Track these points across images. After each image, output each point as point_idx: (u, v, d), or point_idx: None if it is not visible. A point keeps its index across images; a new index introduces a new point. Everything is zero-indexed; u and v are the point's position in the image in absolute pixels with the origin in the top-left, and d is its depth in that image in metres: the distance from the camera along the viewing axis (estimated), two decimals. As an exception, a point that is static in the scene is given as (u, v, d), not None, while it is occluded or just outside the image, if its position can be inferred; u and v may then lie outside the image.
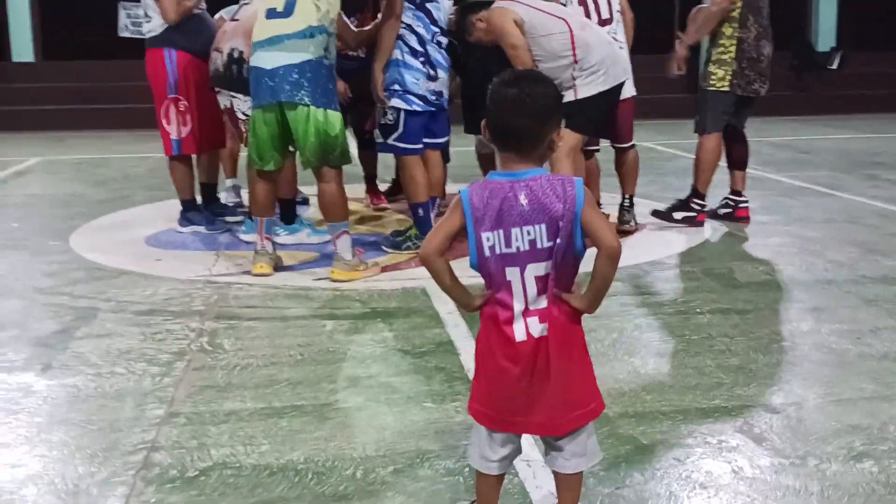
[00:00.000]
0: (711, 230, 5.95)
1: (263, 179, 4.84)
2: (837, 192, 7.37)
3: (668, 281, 4.74)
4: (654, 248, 5.41)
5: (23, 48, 15.12)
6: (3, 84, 14.67)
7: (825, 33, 16.87)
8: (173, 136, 5.81)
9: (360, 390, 3.26)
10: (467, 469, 2.54)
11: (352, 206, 6.60)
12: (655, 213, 6.09)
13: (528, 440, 2.49)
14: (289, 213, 5.75)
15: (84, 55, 16.14)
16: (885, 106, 15.05)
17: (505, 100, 2.10)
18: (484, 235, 2.07)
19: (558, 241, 2.05)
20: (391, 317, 4.13)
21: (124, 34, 14.12)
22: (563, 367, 2.13)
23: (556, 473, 2.20)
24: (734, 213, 6.18)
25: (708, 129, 5.98)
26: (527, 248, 2.07)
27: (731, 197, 6.23)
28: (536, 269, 2.08)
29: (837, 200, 7.01)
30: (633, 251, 5.38)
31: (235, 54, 5.42)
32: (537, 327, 2.10)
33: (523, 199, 2.06)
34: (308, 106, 4.56)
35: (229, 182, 6.80)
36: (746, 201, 6.22)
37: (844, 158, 9.60)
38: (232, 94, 5.62)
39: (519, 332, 2.11)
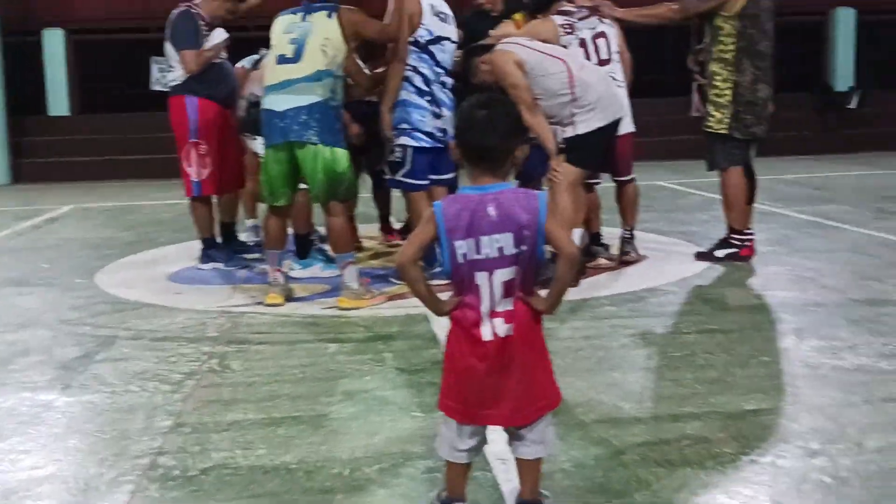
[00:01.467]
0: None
1: (275, 215, 5.12)
2: (844, 224, 7.51)
3: (660, 305, 4.92)
4: (652, 277, 5.60)
5: (58, 103, 15.67)
6: (40, 137, 15.22)
7: (843, 74, 17.07)
8: (193, 178, 6.14)
9: (355, 403, 3.48)
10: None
11: (366, 242, 6.91)
12: (699, 256, 6.09)
13: (498, 437, 2.69)
14: (303, 248, 6.01)
15: (116, 108, 16.67)
16: (901, 143, 15.21)
17: (475, 121, 2.35)
18: (457, 244, 2.31)
19: (523, 247, 2.29)
20: (391, 339, 4.36)
21: (156, 87, 14.62)
22: (526, 363, 2.35)
23: (518, 460, 2.42)
24: (738, 254, 6.09)
25: (720, 165, 6.00)
26: (495, 254, 2.30)
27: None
28: (503, 274, 2.31)
29: (842, 233, 7.15)
30: (631, 279, 5.59)
31: (252, 98, 5.76)
32: (503, 328, 2.33)
33: (492, 211, 2.30)
34: (316, 144, 4.85)
35: (250, 222, 7.10)
36: (751, 236, 6.19)
37: (856, 194, 9.74)
38: (252, 136, 5.95)
39: (486, 332, 2.33)
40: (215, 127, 6.11)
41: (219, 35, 6.11)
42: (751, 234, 6.21)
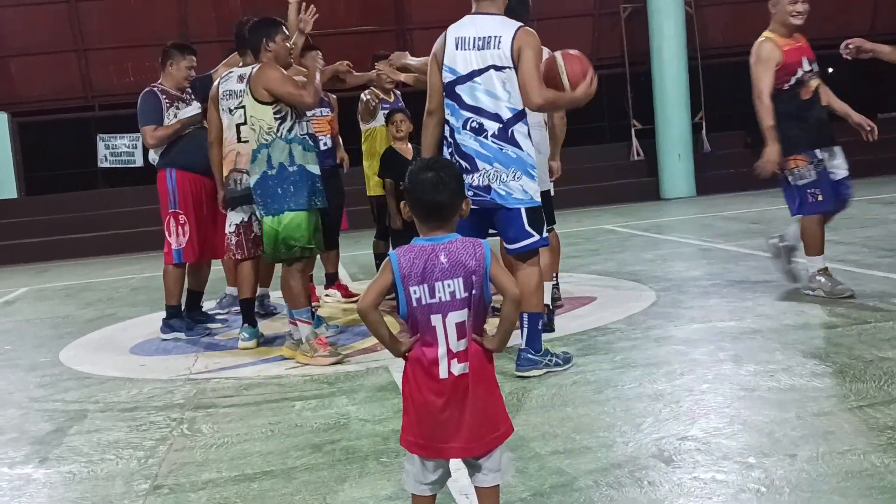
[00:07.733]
0: (656, 296, 6.43)
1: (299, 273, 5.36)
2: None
3: (608, 343, 5.17)
4: (600, 316, 5.86)
5: (6, 186, 15.72)
6: (-11, 221, 15.22)
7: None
8: (174, 245, 6.39)
9: (324, 454, 3.66)
10: (412, 504, 2.93)
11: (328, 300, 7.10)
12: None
13: (461, 475, 2.89)
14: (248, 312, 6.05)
15: (63, 188, 16.77)
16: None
17: (426, 182, 2.60)
18: (412, 289, 2.54)
19: (473, 291, 2.53)
20: (354, 392, 4.55)
21: (104, 164, 14.77)
22: (480, 397, 2.58)
23: (477, 489, 2.62)
24: None
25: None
26: (448, 298, 2.54)
27: None
28: (456, 317, 2.55)
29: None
30: (581, 319, 5.85)
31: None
32: (457, 366, 2.56)
33: (443, 259, 2.54)
34: (264, 216, 5.24)
35: (229, 290, 7.24)
36: None
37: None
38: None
39: (443, 370, 2.56)
40: (193, 196, 6.38)
41: (191, 109, 6.38)
42: None
